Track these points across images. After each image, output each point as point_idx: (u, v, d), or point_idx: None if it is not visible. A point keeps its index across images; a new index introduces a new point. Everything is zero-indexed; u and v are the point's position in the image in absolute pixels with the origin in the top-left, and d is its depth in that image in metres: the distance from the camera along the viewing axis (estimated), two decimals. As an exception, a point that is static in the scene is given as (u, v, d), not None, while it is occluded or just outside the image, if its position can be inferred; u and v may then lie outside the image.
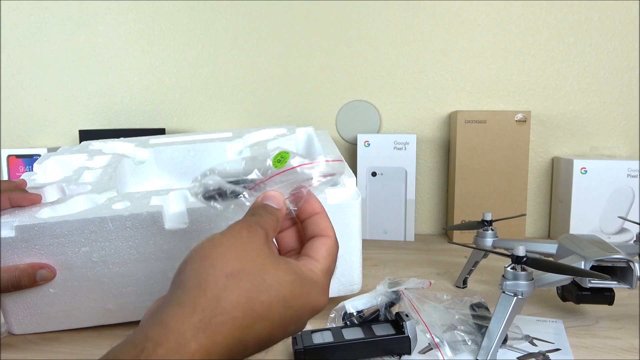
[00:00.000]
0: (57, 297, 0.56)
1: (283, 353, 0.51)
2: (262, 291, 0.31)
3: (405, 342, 0.49)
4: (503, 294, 0.49)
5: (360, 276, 0.63)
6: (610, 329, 0.57)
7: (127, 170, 0.73)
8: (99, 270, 0.55)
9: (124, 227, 0.54)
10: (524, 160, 0.97)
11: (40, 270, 0.53)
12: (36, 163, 0.70)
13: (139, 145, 0.78)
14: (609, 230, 0.93)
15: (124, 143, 0.78)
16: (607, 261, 0.53)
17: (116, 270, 0.55)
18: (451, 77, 1.06)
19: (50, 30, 1.12)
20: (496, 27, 1.03)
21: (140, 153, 0.77)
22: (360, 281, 0.63)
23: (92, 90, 1.14)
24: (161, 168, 0.77)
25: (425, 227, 1.11)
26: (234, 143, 0.77)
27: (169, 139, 0.81)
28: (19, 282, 0.52)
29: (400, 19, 1.05)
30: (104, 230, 0.53)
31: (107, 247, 0.54)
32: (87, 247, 0.54)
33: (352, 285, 0.62)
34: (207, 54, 1.10)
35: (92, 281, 0.55)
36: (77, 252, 0.54)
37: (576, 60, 1.02)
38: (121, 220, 0.53)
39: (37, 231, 0.52)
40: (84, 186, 0.62)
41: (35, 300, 0.55)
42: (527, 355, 0.50)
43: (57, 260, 0.54)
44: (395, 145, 0.99)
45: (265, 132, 0.78)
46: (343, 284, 0.62)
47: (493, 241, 0.67)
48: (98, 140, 0.81)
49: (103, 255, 0.54)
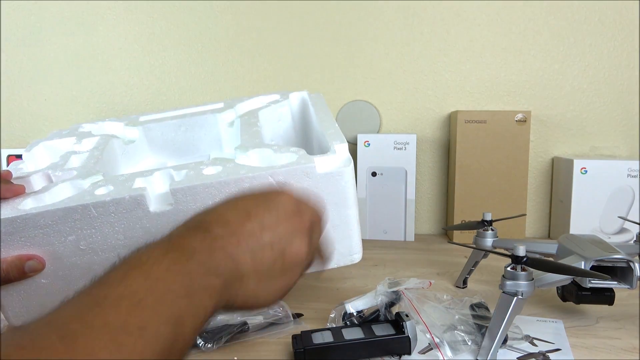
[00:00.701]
0: (50, 286, 0.55)
1: (283, 353, 0.51)
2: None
3: (405, 342, 0.49)
4: (503, 294, 0.49)
5: (359, 245, 0.58)
6: (610, 329, 0.57)
7: (117, 151, 0.71)
8: (88, 258, 0.54)
9: (108, 213, 0.52)
10: (524, 160, 0.97)
11: (29, 262, 0.53)
12: (25, 150, 0.69)
13: (129, 124, 0.75)
14: (609, 230, 0.93)
15: (113, 123, 0.76)
16: (607, 261, 0.53)
17: (106, 256, 0.54)
18: (451, 77, 1.06)
19: (50, 30, 1.12)
20: (496, 27, 1.03)
21: (129, 132, 0.75)
22: (360, 250, 0.58)
23: (92, 90, 1.14)
24: (152, 146, 0.75)
25: (425, 227, 1.11)
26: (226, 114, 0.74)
27: (159, 115, 0.78)
28: (8, 275, 0.52)
29: (400, 19, 1.05)
30: (88, 217, 0.52)
31: (93, 234, 0.53)
32: (73, 235, 0.53)
33: (351, 255, 0.58)
34: (207, 54, 1.10)
35: (83, 269, 0.54)
36: (63, 241, 0.53)
37: (576, 60, 1.02)
38: (104, 206, 0.52)
39: (20, 223, 0.52)
40: (70, 172, 0.61)
41: (28, 291, 0.55)
42: (527, 355, 0.50)
43: (45, 251, 0.53)
44: (395, 145, 0.99)
45: (258, 99, 0.75)
46: (342, 253, 0.57)
47: (493, 241, 0.67)
48: (88, 123, 0.79)
49: (90, 243, 0.53)
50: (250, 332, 0.55)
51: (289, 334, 0.54)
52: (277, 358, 0.51)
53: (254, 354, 0.52)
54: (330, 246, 0.43)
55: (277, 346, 0.53)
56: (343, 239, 0.57)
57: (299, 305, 0.62)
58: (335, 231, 0.56)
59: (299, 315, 0.60)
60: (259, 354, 0.52)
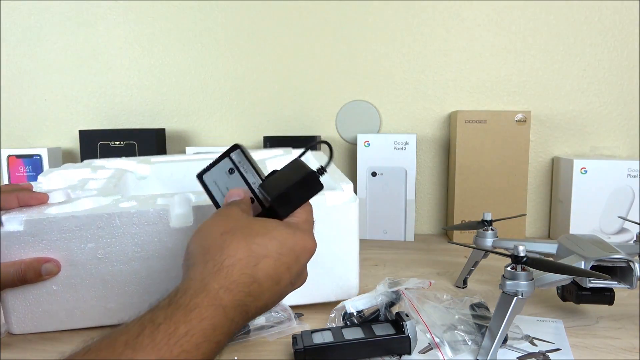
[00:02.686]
0: (59, 294, 0.56)
1: (283, 353, 0.51)
2: (255, 235, 0.37)
3: (406, 342, 0.49)
4: (503, 294, 0.49)
5: (357, 279, 0.64)
6: (610, 329, 0.57)
7: (129, 184, 0.75)
8: (102, 268, 0.56)
9: (131, 224, 0.55)
10: (524, 160, 0.97)
11: (46, 264, 0.54)
12: (40, 175, 0.71)
13: (141, 163, 0.80)
14: (609, 230, 0.93)
15: (126, 161, 0.80)
16: (607, 261, 0.53)
17: (120, 267, 0.56)
18: (451, 77, 1.06)
19: (50, 30, 1.12)
20: (496, 27, 1.03)
21: (141, 169, 0.79)
22: (357, 285, 0.64)
23: (92, 90, 1.14)
24: (162, 184, 0.79)
25: (425, 227, 1.11)
26: None
27: (169, 157, 0.84)
28: (25, 276, 0.53)
29: (400, 19, 1.05)
30: (111, 226, 0.55)
31: (112, 243, 0.56)
32: (93, 243, 0.55)
33: (350, 289, 0.63)
34: (207, 54, 1.10)
35: (95, 278, 0.56)
36: (83, 248, 0.55)
37: (576, 60, 1.02)
38: (128, 216, 0.55)
39: (46, 225, 0.54)
40: (90, 191, 0.63)
41: (37, 297, 0.56)
42: (527, 355, 0.50)
43: (62, 256, 0.55)
44: (395, 145, 0.99)
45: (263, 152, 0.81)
46: (341, 287, 0.63)
47: (493, 241, 0.67)
48: (100, 159, 0.83)
49: (108, 252, 0.56)
50: (251, 332, 0.55)
51: (289, 334, 0.54)
52: (277, 358, 0.51)
53: (254, 354, 0.52)
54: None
55: (277, 346, 0.53)
56: (343, 272, 0.63)
57: (299, 305, 0.62)
58: (338, 264, 0.62)
59: (299, 315, 0.60)
60: (259, 354, 0.52)
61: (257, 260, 0.36)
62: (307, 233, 0.41)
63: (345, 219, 0.62)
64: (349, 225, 0.62)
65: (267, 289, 0.36)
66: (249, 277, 0.35)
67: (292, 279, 0.39)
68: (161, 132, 1.08)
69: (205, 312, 0.32)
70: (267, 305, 0.37)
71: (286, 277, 0.38)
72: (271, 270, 0.37)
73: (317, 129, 1.10)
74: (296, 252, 0.39)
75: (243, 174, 0.45)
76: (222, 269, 0.34)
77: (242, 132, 1.12)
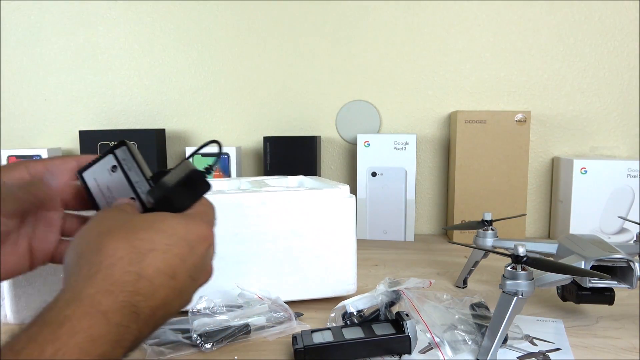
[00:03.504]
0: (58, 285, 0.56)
1: (283, 353, 0.51)
2: (138, 230, 0.33)
3: (406, 341, 0.49)
4: (503, 294, 0.49)
5: (355, 276, 0.65)
6: (610, 328, 0.57)
7: None
8: None
9: None
10: (524, 160, 0.97)
11: None
12: None
13: None
14: (609, 230, 0.93)
15: None
16: (607, 261, 0.53)
17: None
18: (451, 77, 1.06)
19: (50, 30, 1.12)
20: (496, 27, 1.03)
21: None
22: (355, 282, 0.65)
23: (92, 90, 1.14)
24: None
25: (425, 227, 1.11)
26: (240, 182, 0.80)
27: None
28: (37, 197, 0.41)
29: (400, 19, 1.05)
30: None
31: None
32: None
33: (347, 286, 0.64)
34: (207, 54, 1.11)
35: None
36: None
37: (576, 60, 1.02)
38: None
39: None
40: None
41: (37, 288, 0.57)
42: (527, 355, 0.50)
43: None
44: (395, 145, 0.99)
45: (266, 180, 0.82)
46: (338, 284, 0.64)
47: (493, 241, 0.67)
48: None
49: None
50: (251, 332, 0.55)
51: (289, 333, 0.54)
52: (277, 358, 0.51)
53: (254, 354, 0.52)
54: None
55: (277, 346, 0.53)
56: (340, 270, 0.64)
57: (299, 305, 0.62)
58: (334, 261, 0.63)
59: (299, 315, 0.60)
60: (259, 354, 0.52)
61: (142, 256, 0.32)
62: (202, 222, 0.37)
63: (341, 218, 0.63)
64: (345, 224, 0.63)
65: (160, 284, 0.32)
66: (134, 274, 0.31)
67: (191, 272, 0.35)
68: (161, 132, 1.08)
69: (79, 324, 0.28)
70: (166, 303, 0.33)
71: (182, 270, 0.34)
72: (161, 263, 0.33)
73: (317, 129, 1.10)
74: (189, 241, 0.35)
75: (126, 172, 0.41)
76: (99, 271, 0.30)
77: (242, 132, 1.12)
